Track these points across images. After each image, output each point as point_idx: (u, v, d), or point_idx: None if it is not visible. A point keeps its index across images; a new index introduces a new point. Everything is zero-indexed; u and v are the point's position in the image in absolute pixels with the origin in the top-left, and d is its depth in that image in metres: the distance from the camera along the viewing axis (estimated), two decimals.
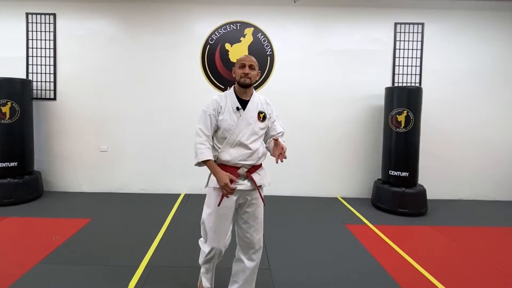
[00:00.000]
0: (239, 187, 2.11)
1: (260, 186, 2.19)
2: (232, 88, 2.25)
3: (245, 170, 2.14)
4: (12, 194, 4.49)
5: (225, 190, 2.05)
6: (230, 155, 2.12)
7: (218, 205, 2.11)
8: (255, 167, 2.19)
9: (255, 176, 2.17)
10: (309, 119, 5.23)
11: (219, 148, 2.16)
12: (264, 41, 5.14)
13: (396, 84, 5.20)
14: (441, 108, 5.22)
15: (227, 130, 2.12)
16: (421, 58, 5.21)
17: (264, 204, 2.24)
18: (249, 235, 2.20)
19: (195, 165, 2.16)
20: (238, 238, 2.28)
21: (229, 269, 2.38)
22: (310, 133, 5.25)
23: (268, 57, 5.16)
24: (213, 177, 2.14)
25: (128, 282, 2.64)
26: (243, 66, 2.14)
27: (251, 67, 2.14)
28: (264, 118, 2.20)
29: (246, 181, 2.14)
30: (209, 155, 2.10)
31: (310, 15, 5.16)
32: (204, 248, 2.26)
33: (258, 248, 2.23)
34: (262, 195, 2.20)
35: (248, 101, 2.19)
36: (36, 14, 5.07)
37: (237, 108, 2.14)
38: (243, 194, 2.16)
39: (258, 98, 2.24)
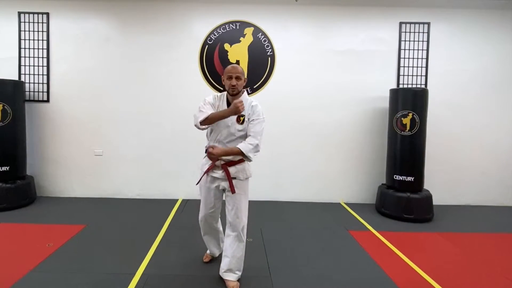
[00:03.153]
0: (214, 174, 2.69)
1: (235, 178, 2.65)
2: (226, 92, 2.72)
3: (222, 162, 2.63)
4: (3, 200, 4.52)
5: (238, 107, 2.43)
6: None
7: (196, 184, 2.81)
8: (233, 162, 2.65)
9: (231, 168, 2.65)
10: (311, 122, 5.27)
11: (208, 141, 2.76)
12: (265, 41, 5.19)
13: (401, 86, 5.24)
14: (448, 110, 5.26)
15: (213, 129, 2.65)
16: (427, 58, 5.25)
17: (233, 192, 2.65)
18: (230, 218, 2.73)
19: (200, 125, 2.57)
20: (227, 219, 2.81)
21: None
22: (312, 136, 5.29)
23: (269, 58, 5.20)
24: (201, 161, 2.79)
25: None
26: (230, 77, 2.57)
27: (237, 78, 2.56)
28: (244, 121, 2.62)
29: (220, 171, 2.66)
30: (207, 113, 2.55)
31: (312, 14, 5.21)
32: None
33: (237, 229, 2.70)
34: (233, 185, 2.64)
35: (229, 104, 2.64)
36: (29, 13, 5.12)
37: None
38: (220, 182, 2.70)
39: (245, 102, 2.61)
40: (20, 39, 5.13)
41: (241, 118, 2.57)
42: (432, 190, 4.83)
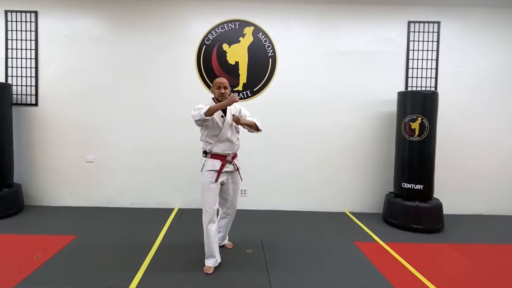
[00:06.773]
0: (226, 169, 3.35)
1: (238, 168, 3.48)
2: (211, 101, 3.37)
3: (230, 157, 3.35)
4: None
5: (233, 100, 3.12)
6: (220, 148, 3.30)
7: (216, 181, 3.28)
8: (235, 155, 3.44)
9: (235, 161, 3.45)
10: (314, 126, 5.32)
11: (210, 143, 3.30)
12: (265, 41, 5.25)
13: (409, 88, 5.29)
14: (459, 115, 5.30)
15: (215, 130, 3.27)
16: (437, 60, 5.30)
17: (241, 180, 3.57)
18: (232, 201, 3.57)
19: (206, 117, 3.10)
20: (223, 206, 3.61)
21: None
22: (315, 141, 5.33)
23: (270, 59, 5.26)
24: (206, 163, 3.32)
25: None
26: (219, 87, 3.29)
27: (225, 87, 3.30)
28: None
29: (230, 165, 3.39)
30: (206, 107, 3.14)
31: (315, 13, 5.27)
32: (204, 218, 3.31)
33: (235, 208, 3.67)
34: (241, 174, 3.54)
35: (225, 109, 3.32)
36: (16, 12, 5.17)
37: (222, 116, 3.29)
38: (226, 175, 3.40)
39: (233, 106, 3.37)
40: (7, 39, 5.19)
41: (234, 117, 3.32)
42: (443, 198, 4.86)
